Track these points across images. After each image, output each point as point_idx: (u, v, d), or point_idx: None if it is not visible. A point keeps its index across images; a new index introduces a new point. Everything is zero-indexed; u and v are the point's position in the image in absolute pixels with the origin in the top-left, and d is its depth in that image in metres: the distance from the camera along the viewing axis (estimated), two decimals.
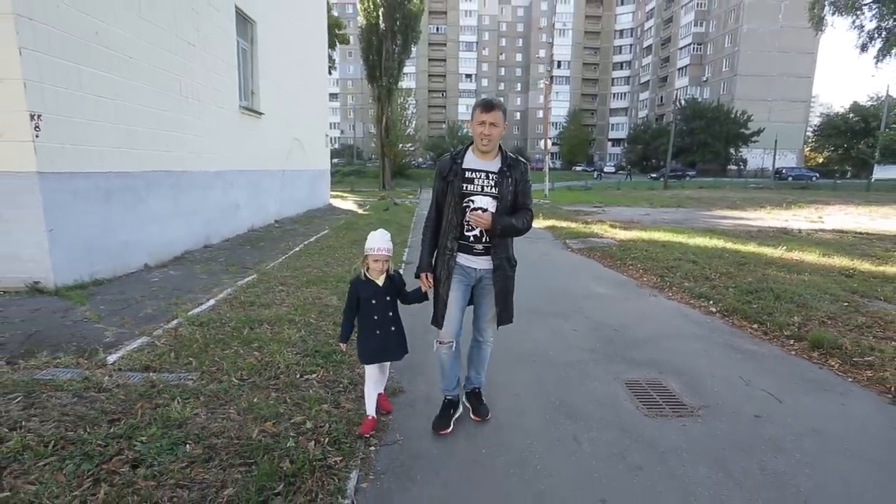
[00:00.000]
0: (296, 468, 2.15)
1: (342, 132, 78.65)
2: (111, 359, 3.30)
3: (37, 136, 4.50)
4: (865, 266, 7.03)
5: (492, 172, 2.56)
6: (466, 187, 2.55)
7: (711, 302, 5.39)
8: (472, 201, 2.56)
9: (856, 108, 53.00)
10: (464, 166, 2.57)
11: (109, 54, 5.54)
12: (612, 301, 5.63)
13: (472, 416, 2.85)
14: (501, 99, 2.89)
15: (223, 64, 8.66)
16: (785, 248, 8.46)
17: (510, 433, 2.72)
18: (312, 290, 5.35)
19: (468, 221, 2.56)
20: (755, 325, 4.65)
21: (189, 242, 7.54)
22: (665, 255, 7.81)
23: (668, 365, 3.73)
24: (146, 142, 6.33)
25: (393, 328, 2.62)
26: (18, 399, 2.65)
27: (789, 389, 3.34)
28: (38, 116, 4.51)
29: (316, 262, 6.98)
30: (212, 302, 4.75)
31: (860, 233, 11.32)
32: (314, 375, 3.17)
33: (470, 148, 2.64)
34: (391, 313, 2.62)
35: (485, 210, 2.54)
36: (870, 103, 52.14)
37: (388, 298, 2.60)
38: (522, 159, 2.65)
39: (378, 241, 2.53)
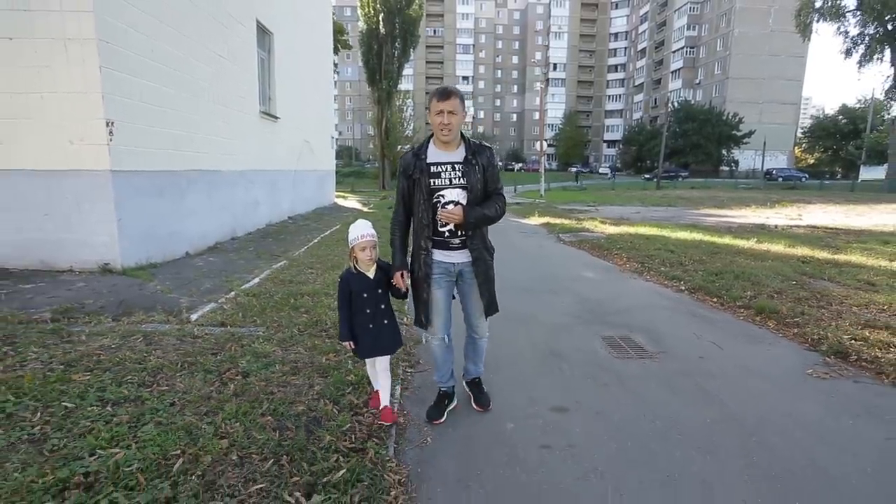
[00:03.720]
0: (357, 379, 3.00)
1: (340, 133, 79.44)
2: (193, 317, 4.15)
3: (110, 140, 5.34)
4: (823, 255, 7.93)
5: (457, 163, 2.47)
6: (434, 182, 2.47)
7: (682, 282, 6.26)
8: (443, 196, 2.48)
9: (844, 110, 54.35)
10: (428, 161, 2.48)
11: (159, 68, 6.37)
12: (597, 282, 6.50)
13: (473, 405, 2.89)
14: (458, 87, 2.88)
15: (246, 73, 9.50)
16: (756, 240, 9.37)
17: (510, 367, 3.58)
18: (337, 272, 6.15)
19: (440, 218, 2.49)
20: (715, 299, 5.52)
21: (219, 234, 8.36)
22: (647, 246, 8.69)
23: (638, 326, 4.60)
24: (186, 144, 7.16)
25: (386, 321, 2.57)
26: (140, 339, 3.51)
27: (731, 341, 4.22)
28: (112, 123, 5.34)
29: (335, 251, 7.83)
30: (257, 280, 5.60)
31: (831, 228, 12.25)
32: None
33: (431, 141, 2.54)
34: (384, 306, 2.57)
35: (456, 203, 2.47)
36: (858, 105, 53.47)
37: (379, 291, 2.55)
38: (487, 144, 2.59)
39: (361, 229, 2.49)
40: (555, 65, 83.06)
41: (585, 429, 2.73)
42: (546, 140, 54.16)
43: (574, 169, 59.81)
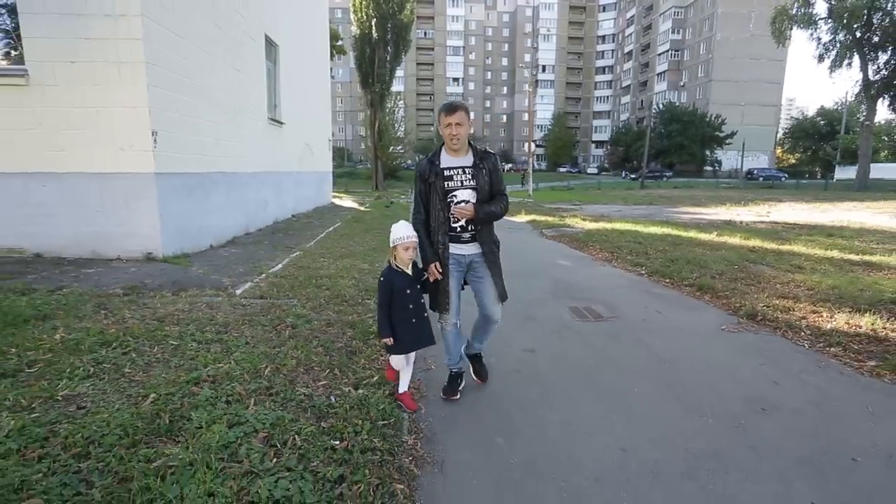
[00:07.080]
0: (375, 331, 3.98)
1: (333, 135, 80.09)
2: (237, 292, 5.10)
3: (155, 147, 6.26)
4: (771, 245, 9.04)
5: (467, 167, 2.82)
6: (448, 184, 2.79)
7: (643, 268, 7.31)
8: (455, 196, 2.81)
9: (822, 112, 56.23)
10: (442, 166, 2.81)
11: (191, 83, 7.29)
12: (571, 269, 7.53)
13: (473, 376, 3.29)
14: (463, 101, 3.25)
15: (257, 83, 10.43)
16: (717, 233, 10.48)
17: None
18: (347, 260, 7.15)
19: (453, 214, 2.81)
20: (667, 280, 6.57)
21: (235, 230, 9.27)
22: (619, 239, 9.75)
23: (600, 300, 5.63)
24: (210, 149, 8.08)
25: (425, 314, 2.79)
26: (203, 305, 4.46)
27: (671, 309, 5.26)
28: (156, 133, 6.26)
29: (341, 244, 8.80)
30: (280, 266, 6.54)
31: (790, 223, 13.43)
32: (371, 300, 4.99)
33: (443, 149, 2.87)
34: (422, 301, 2.79)
35: (467, 202, 2.80)
36: (835, 108, 55.38)
37: (417, 287, 2.78)
38: (491, 151, 2.97)
39: (405, 230, 2.71)
40: (543, 67, 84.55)
41: (547, 363, 3.74)
42: (535, 141, 55.53)
43: (523, 170, 59.40)
